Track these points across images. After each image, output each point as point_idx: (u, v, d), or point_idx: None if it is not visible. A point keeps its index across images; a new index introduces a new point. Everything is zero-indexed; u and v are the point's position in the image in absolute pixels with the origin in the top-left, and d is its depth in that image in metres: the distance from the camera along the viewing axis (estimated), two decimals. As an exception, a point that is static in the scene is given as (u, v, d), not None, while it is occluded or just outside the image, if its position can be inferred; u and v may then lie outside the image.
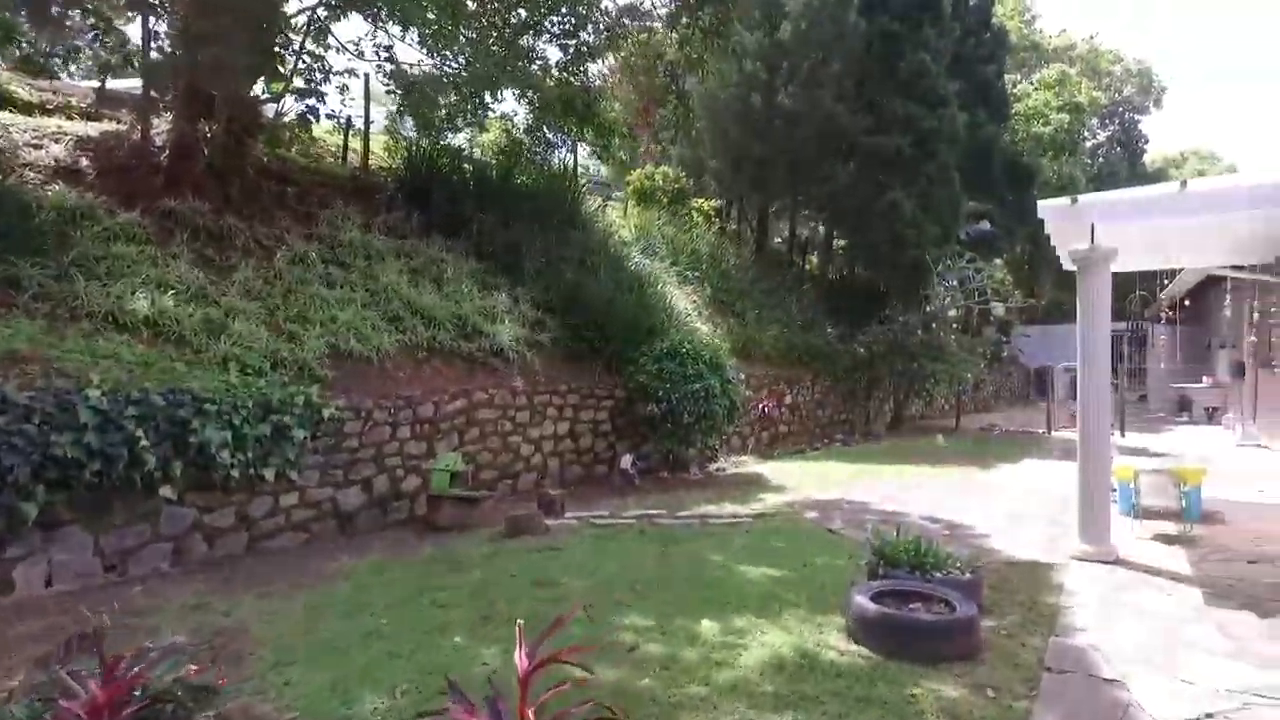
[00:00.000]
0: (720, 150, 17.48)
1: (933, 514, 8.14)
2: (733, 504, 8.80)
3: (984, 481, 10.36)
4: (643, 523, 7.77)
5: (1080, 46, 34.34)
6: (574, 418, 10.63)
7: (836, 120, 15.73)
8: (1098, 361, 6.12)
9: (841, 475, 10.85)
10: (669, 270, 14.96)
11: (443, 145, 13.39)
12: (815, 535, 7.19)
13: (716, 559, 6.22)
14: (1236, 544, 6.73)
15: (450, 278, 10.67)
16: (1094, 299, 6.11)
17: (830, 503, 8.82)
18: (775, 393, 14.29)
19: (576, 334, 11.24)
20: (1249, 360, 14.62)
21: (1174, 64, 72.71)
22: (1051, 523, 7.65)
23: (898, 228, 15.81)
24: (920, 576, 4.79)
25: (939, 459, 12.42)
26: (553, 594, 5.26)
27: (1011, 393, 26.02)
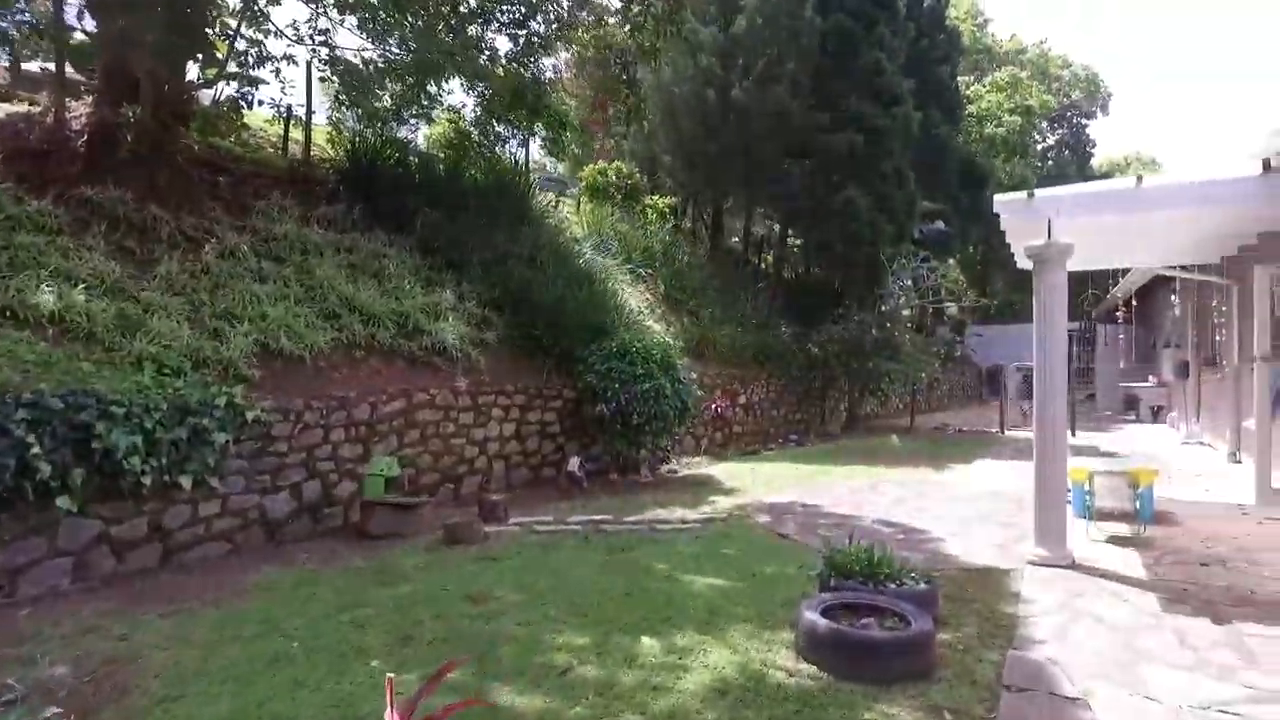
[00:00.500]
0: (674, 146, 17.22)
1: (887, 517, 7.95)
2: (682, 508, 8.52)
3: (939, 482, 10.23)
4: (588, 529, 7.45)
5: (1031, 51, 34.83)
6: (521, 419, 10.27)
7: (791, 117, 15.57)
8: (1054, 361, 5.96)
9: (795, 476, 10.65)
10: (621, 267, 14.65)
11: (388, 137, 12.93)
12: (766, 541, 6.94)
13: (662, 568, 5.93)
14: (1188, 545, 6.65)
15: (392, 273, 10.25)
16: (1050, 296, 5.94)
17: (783, 506, 8.60)
18: (729, 392, 14.07)
19: (524, 332, 10.90)
20: (1193, 360, 14.79)
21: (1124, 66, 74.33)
22: (1007, 525, 7.51)
23: (853, 226, 15.70)
24: (874, 588, 4.55)
25: (893, 459, 12.30)
26: (485, 609, 4.91)
27: (965, 392, 26.22)
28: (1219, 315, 12.47)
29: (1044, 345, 5.99)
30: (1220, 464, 11.71)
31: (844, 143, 15.66)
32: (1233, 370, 11.65)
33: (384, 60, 11.46)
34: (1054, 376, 6.00)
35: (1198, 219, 6.92)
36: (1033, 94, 29.05)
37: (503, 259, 11.80)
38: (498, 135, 14.63)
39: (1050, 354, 5.98)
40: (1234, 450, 11.77)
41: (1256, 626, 4.74)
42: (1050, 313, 5.94)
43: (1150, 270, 12.58)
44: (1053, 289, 5.95)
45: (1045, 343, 5.98)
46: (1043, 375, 6.03)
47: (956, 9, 31.65)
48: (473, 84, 13.43)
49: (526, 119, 13.86)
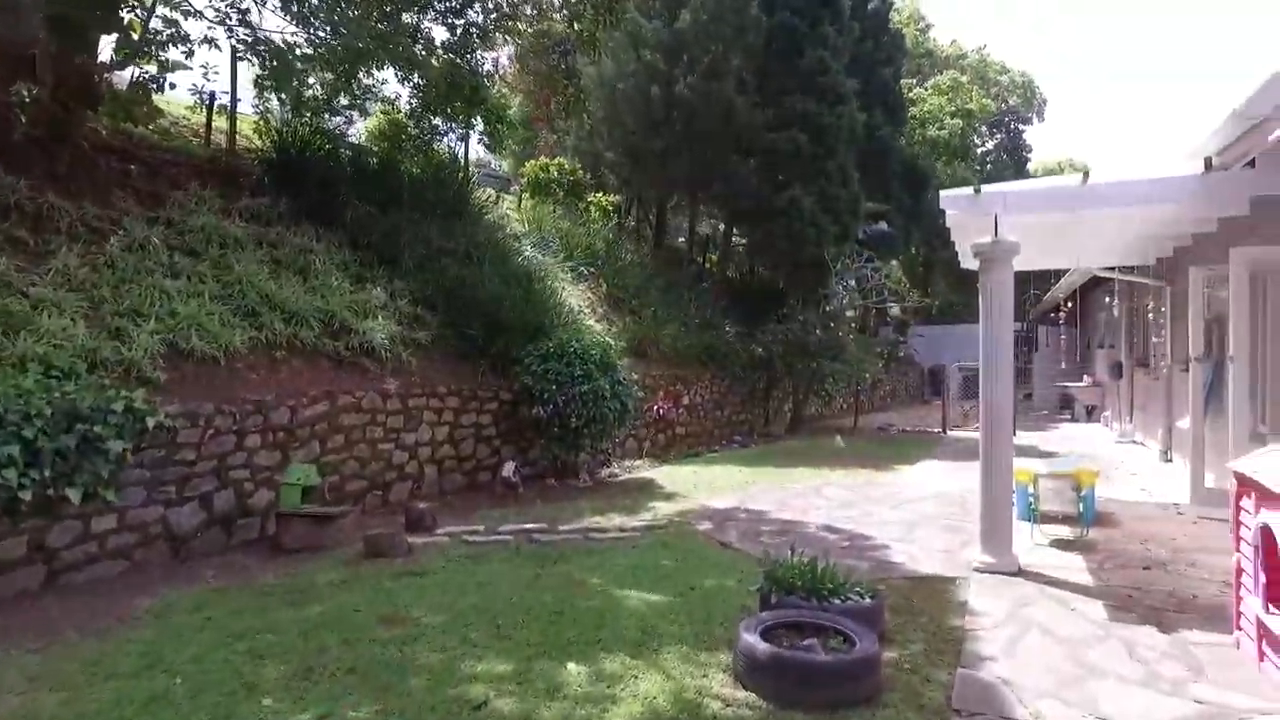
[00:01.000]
0: (618, 142, 16.89)
1: (831, 522, 7.75)
2: (621, 515, 8.21)
3: (883, 484, 10.10)
4: (520, 539, 7.08)
5: (971, 56, 35.44)
6: (454, 422, 9.84)
7: (736, 114, 15.37)
8: (1001, 362, 5.80)
9: (738, 480, 10.42)
10: (562, 266, 14.29)
11: (318, 127, 12.35)
12: (707, 551, 6.66)
13: (595, 583, 5.59)
14: (1129, 547, 6.58)
15: (319, 269, 9.71)
16: (997, 296, 5.78)
17: (725, 512, 8.34)
18: (672, 393, 13.80)
19: (459, 332, 10.47)
20: (1126, 361, 15.03)
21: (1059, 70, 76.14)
22: (952, 530, 7.36)
23: (797, 225, 15.57)
24: (817, 604, 4.29)
25: (837, 461, 12.17)
26: (400, 633, 4.52)
27: (908, 392, 26.43)
28: (1153, 316, 12.64)
29: (990, 345, 5.83)
30: (1153, 462, 11.86)
31: (788, 141, 15.53)
32: (1165, 371, 11.81)
33: (310, 45, 10.88)
34: (1000, 378, 5.84)
35: (1138, 218, 6.87)
36: (973, 98, 29.50)
37: (438, 255, 11.35)
38: (434, 129, 14.14)
39: (996, 354, 5.82)
40: (1165, 449, 11.92)
41: (1201, 634, 4.62)
42: (997, 312, 5.78)
43: (1088, 271, 12.70)
44: (999, 288, 5.79)
45: (991, 343, 5.82)
46: (989, 376, 5.87)
47: (900, 14, 31.99)
48: (407, 74, 12.93)
49: (464, 111, 13.41)
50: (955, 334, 26.00)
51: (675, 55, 15.88)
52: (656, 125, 16.09)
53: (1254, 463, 4.19)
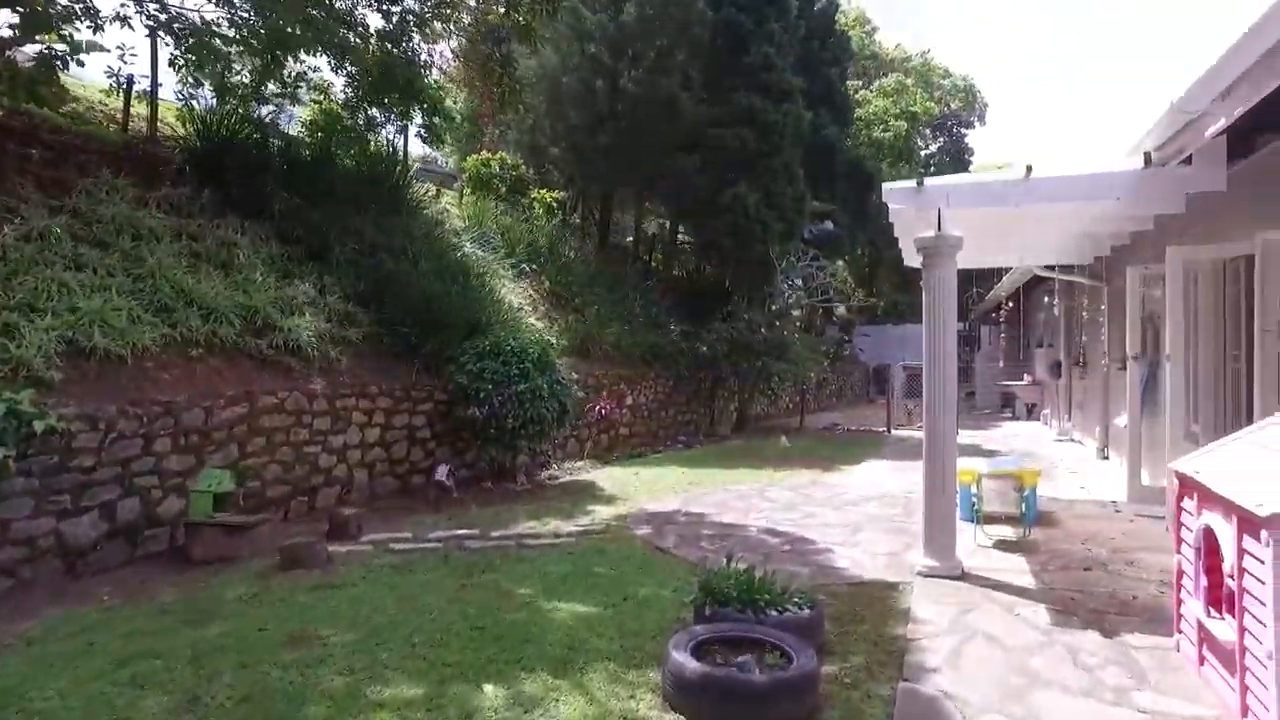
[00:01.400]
0: (562, 137, 16.54)
1: (774, 525, 7.55)
2: (558, 519, 7.90)
3: (827, 485, 9.97)
4: (449, 546, 6.73)
5: (915, 60, 35.91)
6: (386, 423, 9.42)
7: (682, 110, 15.15)
8: (944, 360, 5.65)
9: (681, 481, 10.19)
10: (503, 262, 13.92)
11: (247, 116, 11.78)
12: (644, 557, 6.40)
13: (524, 593, 5.28)
14: (1071, 548, 6.50)
15: (243, 264, 9.19)
16: (940, 292, 5.63)
17: (665, 515, 8.09)
18: (615, 393, 13.53)
19: (393, 329, 10.04)
20: (1064, 360, 15.23)
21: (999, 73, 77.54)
22: (896, 531, 7.22)
23: (742, 222, 15.40)
24: (753, 615, 4.05)
25: (782, 461, 12.04)
26: (306, 655, 4.15)
27: (853, 391, 26.56)
28: (1090, 315, 12.79)
29: (934, 343, 5.67)
30: (1092, 460, 11.99)
31: (734, 138, 15.36)
32: (1102, 370, 11.94)
33: (232, 26, 10.33)
34: (944, 377, 5.69)
35: (1079, 215, 6.81)
36: (917, 101, 29.85)
37: (372, 251, 10.89)
38: (371, 120, 13.64)
39: (940, 352, 5.67)
40: (1103, 447, 12.06)
41: (1142, 637, 4.52)
42: (940, 309, 5.63)
43: (1029, 271, 12.78)
44: (943, 284, 5.64)
45: (935, 341, 5.67)
46: (933, 375, 5.72)
47: (846, 15, 32.24)
48: (340, 62, 12.43)
49: (400, 102, 12.93)
50: (900, 334, 26.26)
51: (620, 49, 15.59)
52: (601, 120, 15.79)
53: (1195, 463, 4.08)
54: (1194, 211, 6.71)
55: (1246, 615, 3.33)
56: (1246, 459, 3.76)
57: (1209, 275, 7.33)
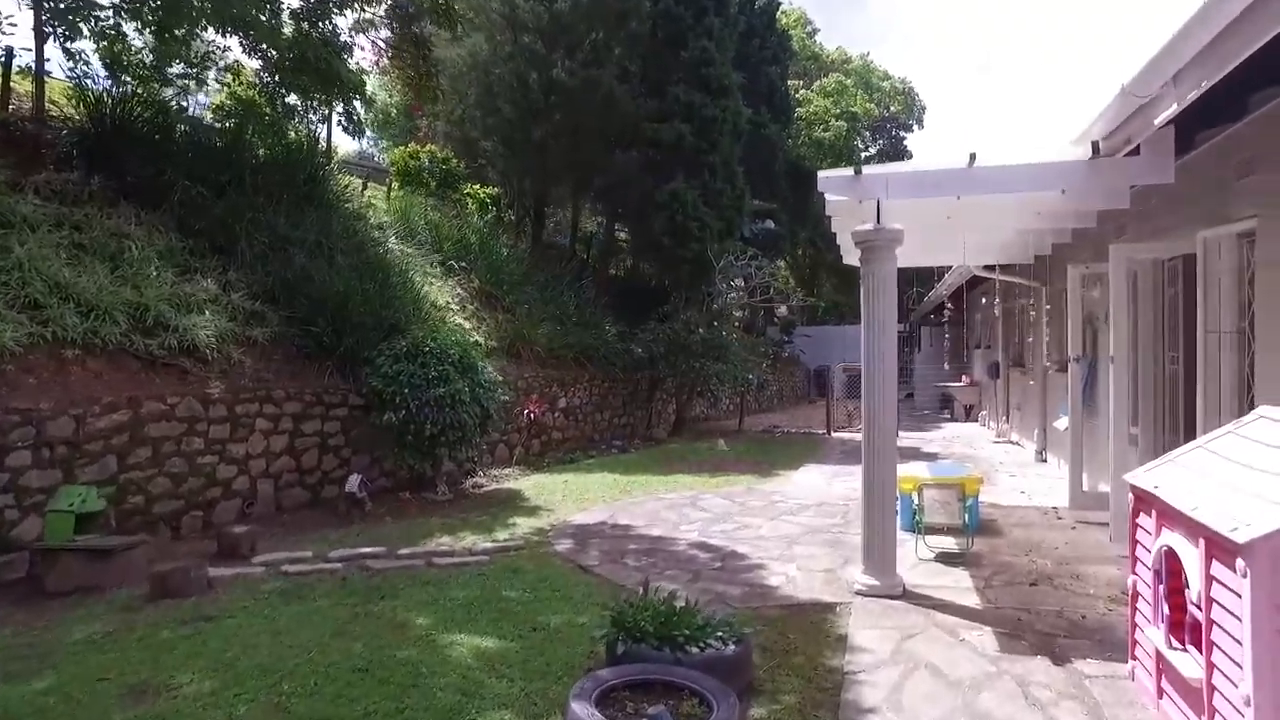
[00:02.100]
0: (494, 130, 15.91)
1: (705, 538, 7.09)
2: (475, 533, 7.32)
3: (763, 493, 9.56)
4: (350, 567, 6.10)
5: (856, 61, 36.08)
6: (295, 430, 8.71)
7: (618, 104, 14.67)
8: (884, 362, 5.24)
9: (612, 489, 9.68)
10: (429, 259, 13.26)
11: (149, 98, 10.90)
12: (563, 577, 5.86)
13: (422, 624, 4.70)
14: (1015, 560, 6.19)
15: (135, 257, 8.38)
16: (880, 289, 5.22)
17: (591, 528, 7.56)
18: (547, 396, 12.97)
19: (304, 329, 9.34)
20: (1003, 361, 15.18)
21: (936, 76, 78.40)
22: (834, 544, 6.82)
23: (679, 219, 14.97)
24: (671, 654, 3.56)
25: (718, 466, 11.61)
26: (145, 713, 3.52)
27: (794, 392, 26.41)
28: (1031, 316, 12.69)
29: (873, 343, 5.27)
30: (1030, 462, 11.85)
31: (672, 133, 14.94)
32: (1040, 371, 11.82)
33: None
34: (884, 379, 5.29)
35: (1022, 209, 6.51)
36: (857, 101, 29.91)
37: (284, 245, 10.13)
38: (288, 107, 12.83)
39: (879, 353, 5.26)
40: (1041, 449, 11.94)
41: (1095, 663, 4.17)
42: (879, 307, 5.22)
43: (968, 271, 12.62)
44: (882, 281, 5.23)
45: (874, 340, 5.26)
46: (872, 377, 5.31)
47: (787, 16, 32.17)
48: (252, 43, 11.63)
49: (318, 88, 12.16)
50: (841, 335, 26.21)
51: (554, 40, 15.04)
52: (535, 113, 15.21)
53: (1154, 476, 3.72)
54: (1136, 209, 6.48)
55: (1216, 651, 2.95)
56: (1208, 472, 3.41)
57: (1148, 275, 7.13)
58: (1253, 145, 5.31)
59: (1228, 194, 5.62)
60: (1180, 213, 6.11)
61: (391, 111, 34.35)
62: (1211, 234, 5.68)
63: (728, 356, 15.04)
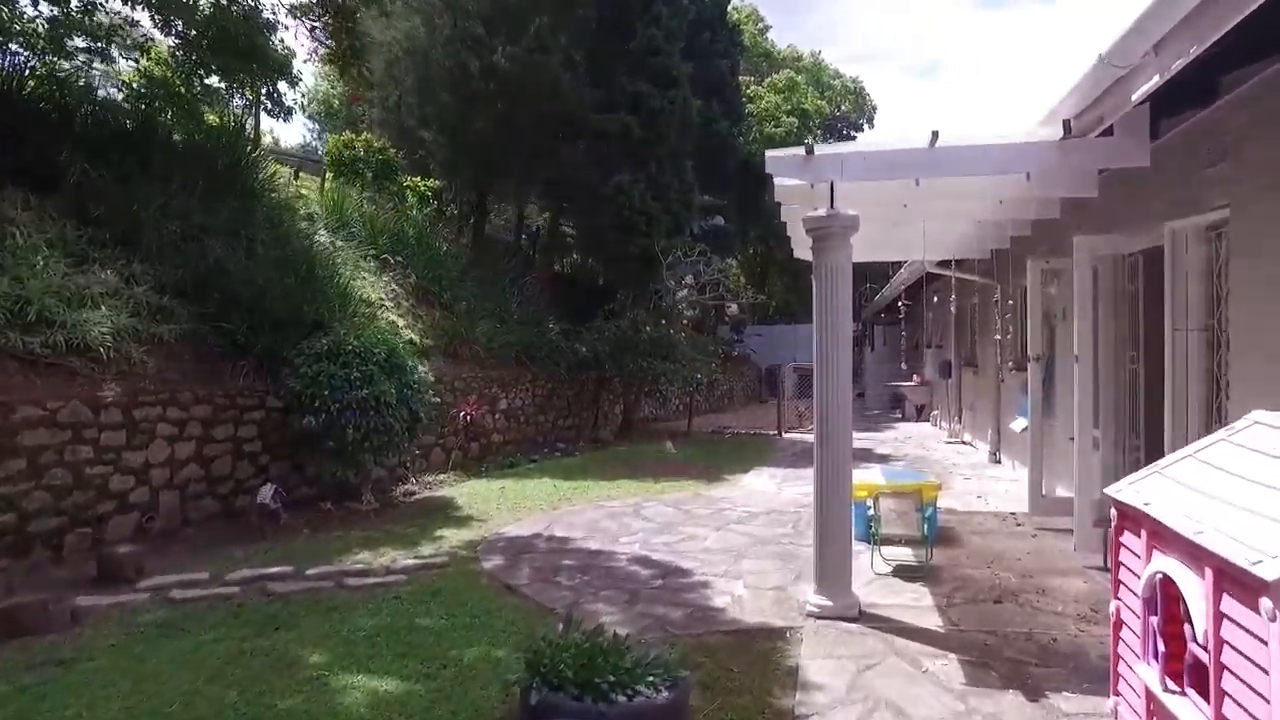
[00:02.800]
0: (434, 119, 15.18)
1: (647, 552, 6.56)
2: (398, 548, 6.69)
3: (711, 499, 9.08)
4: (251, 590, 5.44)
5: (807, 59, 35.94)
6: (204, 435, 7.97)
7: (563, 93, 14.05)
8: (837, 360, 4.77)
9: (551, 496, 9.10)
10: (364, 254, 12.53)
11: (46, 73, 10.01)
12: (487, 600, 5.28)
13: (316, 661, 4.09)
14: (976, 573, 5.79)
15: (20, 245, 7.56)
16: (833, 281, 4.75)
17: (524, 541, 6.99)
18: (487, 397, 12.34)
19: (218, 326, 8.58)
20: (955, 360, 14.97)
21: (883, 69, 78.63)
22: (785, 557, 6.35)
23: (626, 213, 14.42)
24: (594, 703, 3.02)
25: (665, 471, 11.11)
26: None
27: (745, 392, 26.06)
28: (987, 314, 12.44)
29: (826, 340, 4.79)
30: (984, 463, 11.60)
31: (618, 124, 14.37)
32: (994, 371, 11.57)
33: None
34: (837, 379, 4.81)
35: (984, 195, 6.11)
36: (808, 98, 29.68)
37: (198, 235, 9.34)
38: (208, 89, 12.00)
39: (832, 351, 4.79)
40: (995, 451, 11.70)
41: (1072, 697, 3.76)
42: (833, 301, 4.75)
43: (921, 268, 12.32)
44: (836, 272, 4.76)
45: (827, 338, 4.79)
46: (825, 376, 4.83)
47: (739, 12, 31.84)
48: (165, 18, 10.81)
49: (239, 66, 11.34)
50: (792, 334, 25.94)
51: (496, 25, 14.36)
52: (476, 102, 14.53)
53: (1142, 490, 3.29)
54: (1101, 199, 6.14)
55: (1228, 702, 2.51)
56: (1206, 488, 2.98)
57: (1109, 271, 6.81)
58: (1225, 130, 4.99)
59: (1197, 183, 5.29)
60: (1146, 203, 5.78)
61: (334, 102, 33.24)
62: (1180, 225, 5.35)
63: (676, 355, 14.56)
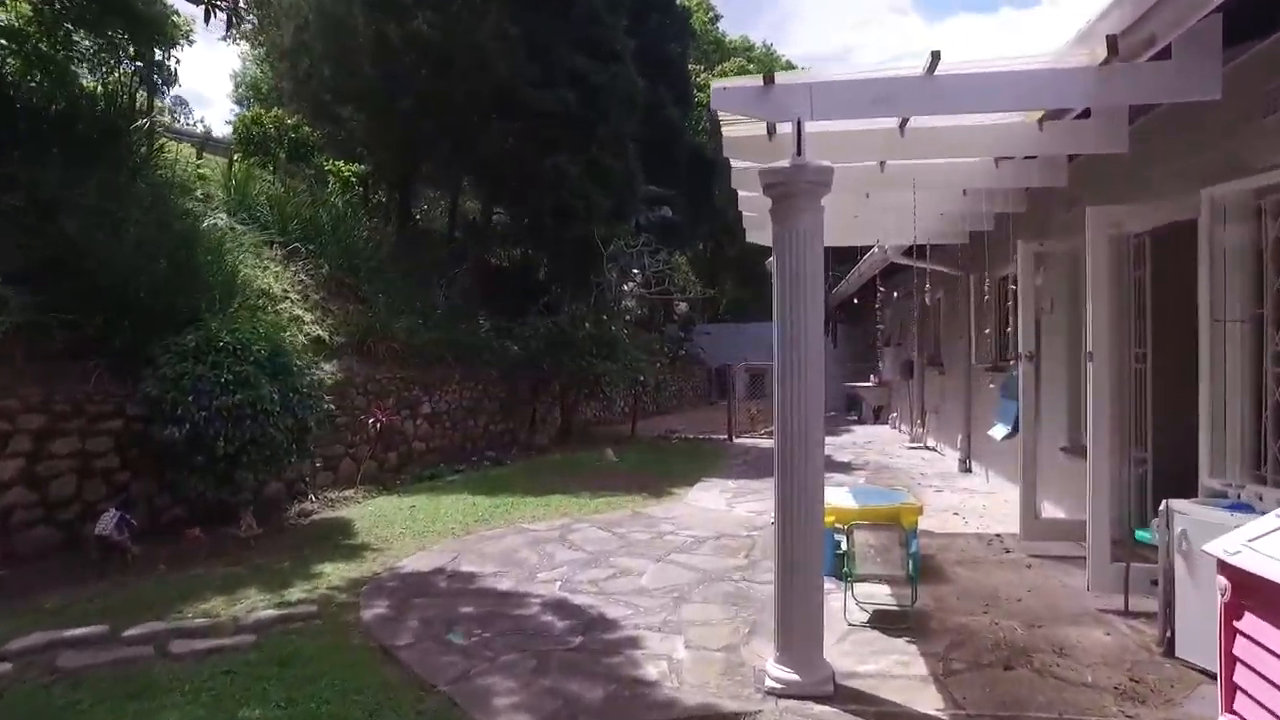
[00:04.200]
0: (353, 95, 13.77)
1: (569, 593, 5.35)
2: (263, 590, 5.38)
3: (651, 519, 7.89)
4: (33, 664, 4.09)
5: (758, 49, 35.11)
6: (37, 450, 6.54)
7: (495, 65, 12.74)
8: (805, 358, 3.60)
9: (469, 516, 7.84)
10: (268, 240, 11.13)
11: None
12: (350, 671, 4.00)
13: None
14: (972, 620, 4.70)
15: None
16: (798, 255, 3.57)
17: (423, 579, 5.71)
18: (406, 400, 11.02)
19: (65, 318, 7.13)
20: (917, 359, 14.06)
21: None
22: (736, 600, 5.19)
23: (563, 198, 13.16)
24: None
25: (603, 483, 9.89)
26: None
27: (695, 393, 24.97)
28: (955, 309, 11.51)
29: (790, 333, 3.62)
30: (954, 473, 10.65)
31: (555, 101, 13.10)
32: (964, 372, 10.63)
33: None
34: (804, 384, 3.64)
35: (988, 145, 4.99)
36: (760, 89, 28.76)
37: (52, 211, 7.85)
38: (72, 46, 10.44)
39: (797, 347, 3.62)
40: (964, 458, 10.75)
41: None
42: (799, 281, 3.58)
43: (883, 260, 11.32)
44: (802, 243, 3.58)
45: (792, 330, 3.61)
46: (789, 380, 3.65)
47: (689, 1, 30.84)
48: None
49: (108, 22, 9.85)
50: (743, 333, 24.95)
51: (420, -9, 13.01)
52: (399, 74, 13.16)
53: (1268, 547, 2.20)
54: (1114, 162, 5.13)
55: None
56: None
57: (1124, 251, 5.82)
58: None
59: (1246, 136, 4.28)
60: (1172, 164, 4.78)
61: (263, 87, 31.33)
62: (1221, 191, 4.33)
63: (618, 354, 13.34)
